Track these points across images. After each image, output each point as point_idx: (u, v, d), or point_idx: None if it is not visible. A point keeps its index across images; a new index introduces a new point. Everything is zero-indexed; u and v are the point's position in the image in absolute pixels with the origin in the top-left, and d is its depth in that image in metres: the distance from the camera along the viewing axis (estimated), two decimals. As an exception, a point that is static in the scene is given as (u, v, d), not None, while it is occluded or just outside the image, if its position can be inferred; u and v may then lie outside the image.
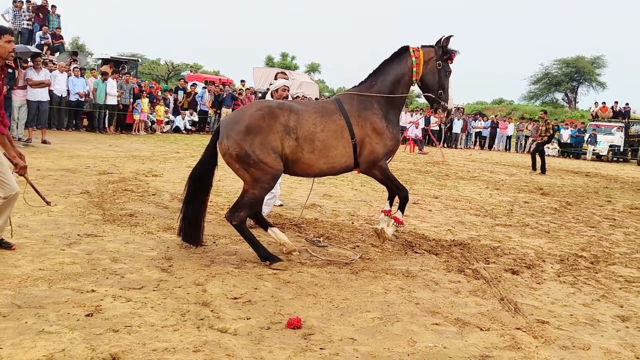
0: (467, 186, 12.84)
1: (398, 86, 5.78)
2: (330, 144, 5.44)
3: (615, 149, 27.85)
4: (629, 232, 8.48)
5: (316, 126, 5.41)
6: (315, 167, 5.50)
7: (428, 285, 5.12)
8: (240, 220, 5.36)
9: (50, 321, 3.61)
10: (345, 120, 5.53)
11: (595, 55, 48.73)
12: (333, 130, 5.47)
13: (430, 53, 5.81)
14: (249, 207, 5.41)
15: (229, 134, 5.28)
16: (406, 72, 5.78)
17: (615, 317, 4.66)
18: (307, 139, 5.36)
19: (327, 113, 5.55)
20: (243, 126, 5.25)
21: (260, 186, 5.33)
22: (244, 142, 5.20)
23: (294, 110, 5.43)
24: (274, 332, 3.78)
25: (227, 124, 5.44)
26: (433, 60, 5.80)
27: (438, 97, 5.84)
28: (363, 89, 5.78)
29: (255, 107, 5.45)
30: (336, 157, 5.51)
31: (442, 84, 5.81)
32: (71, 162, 10.86)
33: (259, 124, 5.24)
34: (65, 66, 17.91)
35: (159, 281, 4.59)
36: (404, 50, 5.82)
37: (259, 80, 31.42)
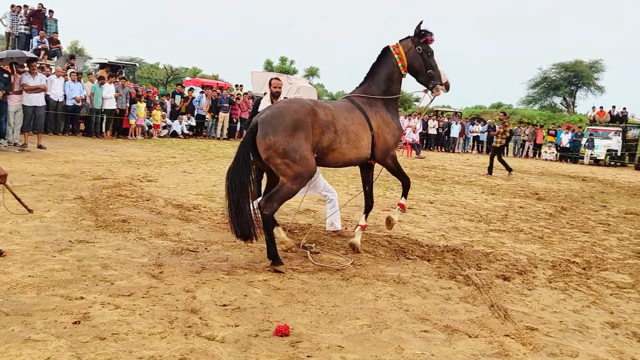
0: (462, 191, 12.85)
1: (391, 83, 6.29)
2: (360, 135, 5.94)
3: (612, 153, 27.89)
4: (623, 238, 8.49)
5: (347, 119, 5.90)
6: (347, 156, 5.93)
7: (419, 291, 5.12)
8: (271, 211, 5.46)
9: (37, 329, 3.61)
10: (364, 114, 6.05)
11: (594, 60, 48.88)
12: (359, 123, 5.98)
13: (408, 44, 6.29)
14: (282, 200, 5.58)
15: (275, 129, 5.36)
16: (394, 69, 6.27)
17: (605, 324, 4.65)
18: (344, 131, 5.81)
19: (350, 109, 6.06)
20: (290, 122, 5.40)
21: (300, 181, 5.53)
22: (292, 137, 5.36)
23: (326, 106, 5.88)
24: (261, 340, 3.78)
25: (269, 120, 5.44)
26: (412, 48, 6.26)
27: (430, 77, 6.27)
28: (364, 89, 6.30)
29: (298, 104, 5.65)
30: (363, 147, 6.00)
31: (428, 64, 6.27)
32: (66, 167, 10.86)
33: (306, 119, 5.48)
34: (62, 71, 17.93)
35: (149, 288, 4.59)
36: (386, 51, 6.31)
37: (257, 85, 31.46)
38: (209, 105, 23.48)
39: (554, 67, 49.11)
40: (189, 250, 5.84)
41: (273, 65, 55.45)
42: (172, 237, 6.34)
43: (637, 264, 6.85)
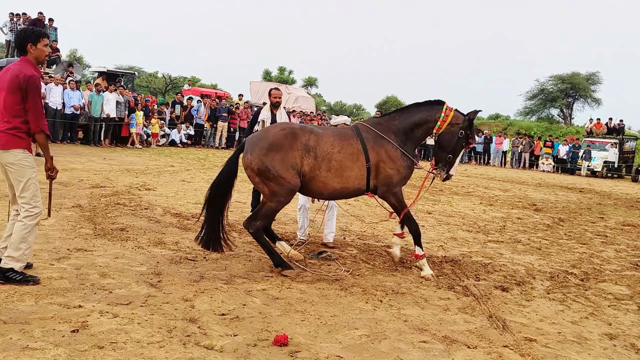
0: (461, 202, 12.87)
1: (419, 128, 6.17)
2: (345, 165, 5.81)
3: (609, 165, 27.95)
4: (620, 249, 8.50)
5: (334, 147, 5.82)
6: (330, 185, 5.83)
7: (417, 302, 5.12)
8: (256, 229, 5.74)
9: (35, 337, 3.60)
10: (362, 145, 5.91)
11: (591, 72, 49.01)
12: (350, 153, 5.86)
13: (459, 119, 6.15)
14: (265, 218, 5.84)
15: (252, 149, 5.70)
16: (431, 120, 6.13)
17: (603, 335, 4.66)
18: (325, 158, 5.75)
19: (345, 137, 5.97)
20: (266, 143, 5.67)
21: (277, 200, 5.72)
22: (265, 157, 5.61)
23: (314, 132, 5.87)
24: (260, 349, 3.77)
25: (252, 140, 5.86)
26: (458, 126, 6.13)
27: (446, 159, 6.18)
28: (385, 120, 6.25)
29: (279, 127, 5.92)
30: (350, 178, 5.85)
31: (454, 149, 6.17)
32: (64, 175, 10.82)
33: (281, 142, 5.65)
34: (60, 79, 17.95)
35: (147, 297, 4.58)
36: (438, 103, 6.19)
37: (255, 94, 31.56)
38: (208, 114, 23.52)
39: (551, 79, 49.24)
40: (187, 259, 5.84)
41: (272, 75, 55.56)
42: (171, 246, 6.33)
43: (634, 275, 6.86)
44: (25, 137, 4.66)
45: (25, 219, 4.61)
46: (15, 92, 4.51)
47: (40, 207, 4.73)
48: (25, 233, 4.61)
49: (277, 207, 5.81)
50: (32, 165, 4.71)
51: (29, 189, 4.65)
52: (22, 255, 4.60)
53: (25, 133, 4.65)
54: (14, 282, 4.53)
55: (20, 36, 4.80)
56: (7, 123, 4.56)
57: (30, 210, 4.64)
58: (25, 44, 4.69)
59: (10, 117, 4.56)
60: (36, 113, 4.60)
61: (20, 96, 4.52)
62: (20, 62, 4.71)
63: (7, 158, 4.60)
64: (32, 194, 4.66)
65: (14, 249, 4.58)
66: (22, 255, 4.60)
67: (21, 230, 4.60)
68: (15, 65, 4.69)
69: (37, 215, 4.70)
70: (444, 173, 6.24)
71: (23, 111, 4.58)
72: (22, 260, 4.62)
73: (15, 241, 4.59)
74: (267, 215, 5.85)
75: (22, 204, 4.64)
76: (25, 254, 4.65)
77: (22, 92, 4.51)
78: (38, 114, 4.62)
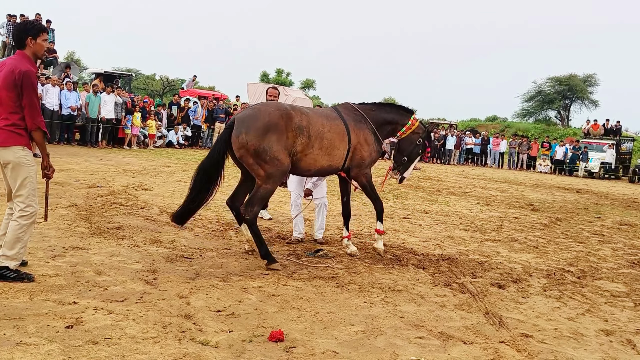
0: (458, 202, 12.87)
1: (388, 125, 6.59)
2: (334, 144, 6.04)
3: (606, 166, 28.00)
4: (617, 248, 8.50)
5: (324, 126, 6.00)
6: (319, 163, 6.01)
7: (414, 299, 5.11)
8: (253, 214, 5.70)
9: (29, 333, 3.58)
10: (345, 126, 6.17)
11: (588, 74, 49.16)
12: (336, 132, 6.09)
13: (420, 129, 6.68)
14: (261, 201, 5.83)
15: (248, 129, 5.58)
16: (399, 124, 6.61)
17: (600, 331, 4.65)
18: (318, 137, 5.90)
19: (331, 117, 6.20)
20: (262, 123, 5.60)
21: (273, 181, 5.75)
22: (262, 138, 5.55)
23: (304, 112, 5.98)
24: (255, 345, 3.76)
25: (245, 119, 5.69)
26: (418, 135, 6.65)
27: (402, 162, 6.67)
28: (362, 108, 6.51)
29: (273, 107, 5.87)
30: (336, 157, 6.10)
31: (411, 155, 6.69)
32: (61, 175, 10.80)
33: (279, 122, 5.65)
34: (57, 80, 17.92)
35: (143, 293, 4.56)
36: (409, 111, 6.82)
37: (253, 96, 31.50)
38: (205, 116, 23.50)
39: (549, 81, 49.40)
40: (183, 257, 5.82)
41: (269, 77, 55.58)
42: (167, 245, 6.32)
43: (631, 273, 6.87)
44: (24, 134, 4.55)
45: (19, 219, 4.53)
46: (10, 88, 4.41)
47: (36, 207, 4.64)
48: (20, 233, 4.53)
49: (273, 188, 5.85)
50: (31, 163, 4.62)
51: (26, 187, 4.56)
52: (16, 254, 4.54)
53: (24, 130, 4.54)
54: (8, 279, 4.47)
55: (20, 29, 4.66)
56: (6, 120, 4.47)
57: (25, 209, 4.55)
58: (25, 38, 4.57)
59: (8, 113, 4.47)
60: (32, 110, 4.49)
61: (16, 93, 4.41)
62: (17, 56, 4.59)
63: (7, 155, 4.51)
64: (28, 192, 4.57)
65: (9, 248, 4.51)
66: (16, 254, 4.54)
67: (15, 230, 4.52)
68: (11, 59, 4.59)
69: (32, 215, 4.60)
70: (399, 175, 6.69)
71: (20, 108, 4.48)
72: (17, 259, 4.56)
73: (10, 240, 4.52)
74: (263, 198, 5.85)
75: (18, 203, 4.56)
76: (20, 252, 4.58)
77: (17, 89, 4.40)
78: (34, 111, 4.51)
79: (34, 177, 4.62)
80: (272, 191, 5.93)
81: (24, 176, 4.55)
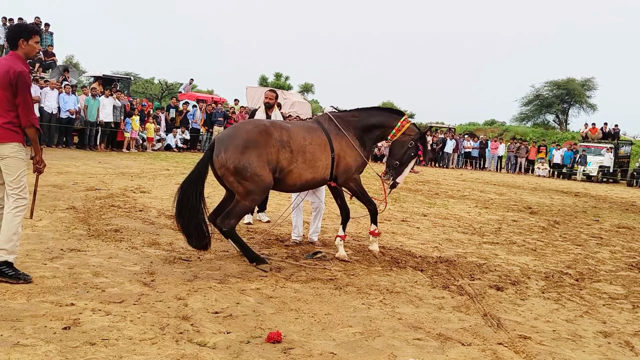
0: (456, 205, 12.87)
1: (376, 129, 6.49)
2: (317, 156, 6.01)
3: (604, 170, 28.04)
4: (615, 250, 8.51)
5: (305, 139, 5.99)
6: (303, 177, 5.97)
7: (412, 300, 5.11)
8: (230, 227, 5.74)
9: (27, 334, 3.57)
10: (327, 136, 6.15)
11: (586, 78, 49.19)
12: (318, 144, 6.06)
13: (412, 131, 6.52)
14: (239, 216, 5.84)
15: (227, 148, 5.63)
16: (387, 126, 6.49)
17: (598, 333, 4.65)
18: (300, 150, 5.89)
19: (312, 129, 6.18)
20: (241, 141, 5.64)
21: (252, 198, 5.75)
22: (242, 156, 5.57)
23: (283, 126, 5.99)
24: (253, 346, 3.75)
25: (223, 139, 5.78)
26: (410, 137, 6.47)
27: (394, 166, 6.49)
28: (344, 114, 6.48)
29: (251, 124, 5.91)
30: (320, 168, 6.05)
31: (404, 159, 6.49)
32: (59, 178, 10.81)
33: (257, 138, 5.66)
34: (56, 83, 17.93)
35: (140, 295, 4.56)
36: (398, 113, 6.68)
37: (252, 100, 31.55)
38: (204, 119, 23.51)
39: (547, 85, 49.41)
40: (181, 259, 5.82)
41: (268, 81, 55.55)
42: (165, 247, 6.31)
43: (629, 275, 6.87)
44: (20, 132, 4.71)
45: (14, 210, 4.66)
46: (6, 88, 4.56)
47: (27, 200, 4.81)
48: (16, 224, 4.66)
49: (251, 205, 5.89)
50: (25, 158, 4.79)
51: (21, 181, 4.72)
52: (13, 246, 4.66)
53: (19, 127, 4.70)
54: (5, 276, 4.54)
55: (12, 30, 4.83)
56: (3, 117, 4.62)
57: (20, 201, 4.70)
58: (17, 39, 4.72)
59: (5, 112, 4.62)
60: (26, 108, 4.66)
61: (11, 92, 4.58)
62: (10, 57, 4.74)
63: (4, 151, 4.65)
64: (23, 186, 4.73)
65: (6, 241, 4.62)
66: (13, 246, 4.66)
67: (10, 222, 4.64)
68: (4, 60, 4.72)
69: (25, 207, 4.78)
70: (391, 180, 6.55)
71: (15, 106, 4.63)
72: (14, 252, 4.68)
73: (6, 233, 4.62)
74: (240, 214, 5.83)
75: (12, 195, 4.68)
76: (16, 245, 4.70)
77: (12, 88, 4.57)
78: (27, 109, 4.68)
79: (25, 172, 4.80)
80: (250, 208, 5.97)
81: (20, 171, 4.72)
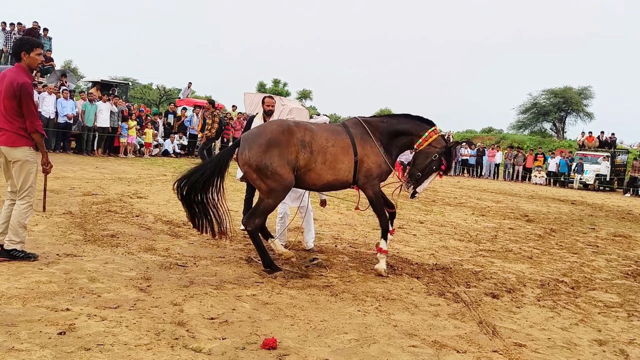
0: (453, 212, 12.89)
1: (403, 137, 6.43)
2: (338, 158, 6.04)
3: (601, 178, 28.11)
4: (611, 259, 8.53)
5: (328, 141, 6.03)
6: (323, 177, 6.04)
7: (407, 308, 5.11)
8: (255, 226, 5.86)
9: (22, 339, 3.57)
10: (351, 139, 6.16)
11: (583, 86, 49.40)
12: (341, 147, 6.10)
13: (439, 143, 6.39)
14: (263, 214, 5.93)
15: (251, 146, 5.80)
16: (415, 135, 6.40)
17: (593, 341, 4.66)
18: (321, 151, 5.95)
19: (337, 132, 6.22)
20: (264, 140, 5.78)
21: (275, 196, 5.84)
22: (264, 154, 5.71)
23: (308, 128, 6.06)
24: (248, 352, 3.75)
25: (249, 137, 5.95)
26: (436, 149, 6.35)
27: (416, 177, 6.41)
28: (373, 120, 6.49)
29: (276, 124, 6.04)
30: (341, 171, 6.09)
31: (426, 170, 6.39)
32: (56, 183, 10.79)
33: (280, 138, 5.78)
34: (54, 88, 17.93)
35: (136, 301, 4.55)
36: (427, 122, 6.48)
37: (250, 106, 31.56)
38: (201, 125, 23.50)
39: (544, 93, 49.59)
40: (177, 265, 5.82)
41: (266, 87, 55.65)
42: (161, 252, 6.31)
43: (625, 284, 6.88)
44: (29, 136, 5.31)
45: (22, 206, 5.32)
46: (12, 98, 5.15)
47: (34, 197, 5.47)
48: (22, 218, 5.34)
49: (275, 203, 5.92)
50: (34, 160, 5.39)
51: (30, 180, 5.34)
52: (21, 236, 5.36)
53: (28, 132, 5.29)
54: (17, 259, 5.29)
55: (16, 44, 5.47)
56: (13, 124, 5.22)
57: (28, 199, 5.36)
58: (20, 52, 5.30)
59: (13, 119, 5.21)
60: (30, 116, 5.27)
61: (17, 102, 5.17)
62: (15, 68, 5.34)
63: (16, 154, 5.27)
64: (30, 184, 5.35)
65: (14, 234, 5.30)
66: (21, 236, 5.36)
67: (19, 216, 5.31)
68: (9, 71, 5.29)
69: (32, 203, 5.44)
70: (412, 189, 6.45)
71: (22, 114, 5.22)
72: (22, 242, 5.39)
73: (15, 226, 5.29)
74: (264, 212, 5.92)
75: (22, 192, 5.32)
76: (24, 235, 5.40)
77: (17, 99, 5.16)
78: (32, 117, 5.28)
79: (35, 173, 5.42)
80: (274, 206, 5.97)
81: (28, 171, 5.34)
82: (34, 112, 5.30)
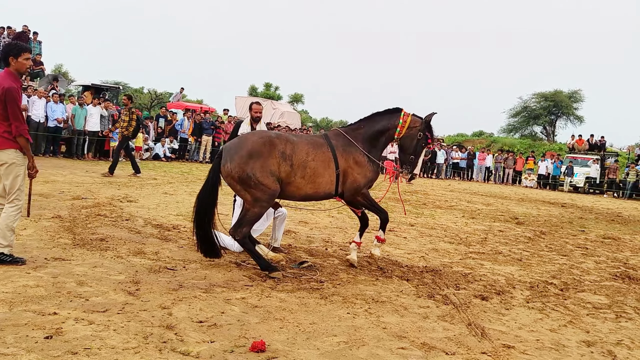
0: (443, 215, 12.93)
1: (382, 136, 6.54)
2: (318, 172, 6.10)
3: (591, 181, 28.30)
4: (600, 261, 8.58)
5: (308, 155, 6.09)
6: (302, 190, 6.12)
7: (397, 310, 5.12)
8: (243, 235, 5.91)
9: (8, 343, 3.54)
10: (332, 152, 6.23)
11: (573, 90, 49.71)
12: (321, 160, 6.16)
13: (416, 122, 6.56)
14: (250, 223, 5.98)
15: (232, 158, 5.84)
16: (391, 127, 6.53)
17: (581, 343, 4.69)
18: (300, 165, 6.01)
19: (318, 145, 6.26)
20: (245, 151, 5.82)
21: (260, 205, 5.91)
22: (245, 165, 5.76)
23: (289, 140, 6.09)
24: (237, 356, 3.74)
25: (230, 149, 5.98)
26: (416, 128, 6.54)
27: (409, 160, 6.57)
28: (351, 128, 6.56)
29: (257, 135, 6.08)
30: (321, 184, 6.16)
31: (416, 151, 6.58)
32: (45, 187, 10.73)
33: (260, 149, 5.82)
34: (44, 92, 17.85)
35: (124, 304, 4.53)
36: (396, 110, 6.60)
37: (241, 110, 31.56)
38: (192, 129, 23.48)
39: (534, 97, 49.86)
40: (166, 269, 5.79)
41: (258, 91, 55.57)
42: (151, 256, 6.28)
43: (613, 285, 6.93)
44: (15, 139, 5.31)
45: (10, 209, 5.32)
46: None
47: (23, 200, 5.50)
48: (11, 222, 5.34)
49: (260, 212, 6.00)
50: (22, 163, 5.40)
51: (17, 183, 5.35)
52: (9, 240, 5.33)
53: None
54: (4, 263, 5.23)
55: (4, 49, 5.52)
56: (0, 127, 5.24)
57: (17, 202, 5.37)
58: (7, 57, 5.34)
59: (0, 123, 5.25)
60: (15, 120, 5.28)
61: (2, 106, 5.22)
62: (3, 73, 5.37)
63: (2, 157, 5.28)
64: (18, 187, 5.36)
65: (2, 237, 5.28)
66: (9, 240, 5.33)
67: (7, 220, 5.31)
68: None
69: (21, 207, 5.46)
70: (409, 173, 6.62)
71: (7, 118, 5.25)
72: (10, 245, 5.35)
73: (3, 229, 5.28)
74: (251, 221, 5.97)
75: (10, 195, 5.33)
76: (11, 239, 5.37)
77: (2, 103, 5.20)
78: (17, 121, 5.30)
79: (23, 176, 5.43)
80: (260, 215, 6.04)
81: (16, 174, 5.35)
82: (19, 117, 5.32)
